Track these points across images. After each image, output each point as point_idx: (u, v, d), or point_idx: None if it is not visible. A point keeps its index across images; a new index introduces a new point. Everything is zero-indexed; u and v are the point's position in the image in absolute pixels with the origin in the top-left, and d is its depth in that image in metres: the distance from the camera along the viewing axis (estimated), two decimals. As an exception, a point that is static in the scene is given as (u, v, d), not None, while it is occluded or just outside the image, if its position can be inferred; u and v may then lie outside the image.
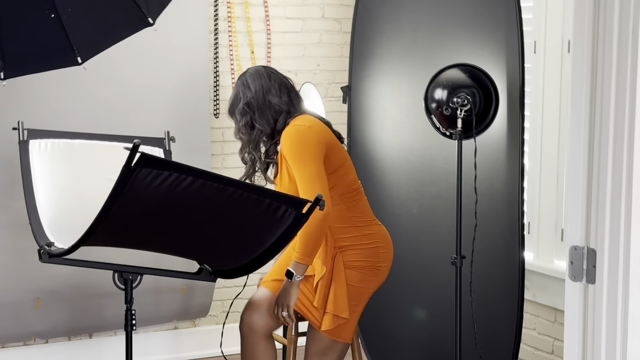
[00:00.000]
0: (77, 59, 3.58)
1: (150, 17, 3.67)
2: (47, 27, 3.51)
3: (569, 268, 2.71)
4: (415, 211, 4.41)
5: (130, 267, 3.78)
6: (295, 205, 3.32)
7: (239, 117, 3.82)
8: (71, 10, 3.52)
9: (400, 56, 4.49)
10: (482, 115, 3.83)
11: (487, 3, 4.05)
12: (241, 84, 3.84)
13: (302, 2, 5.35)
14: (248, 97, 3.79)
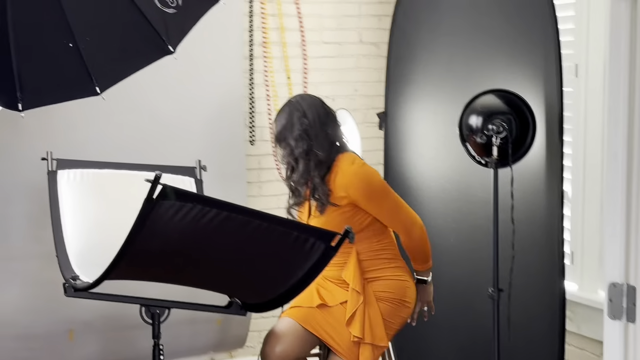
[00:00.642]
0: (95, 88, 3.50)
1: (170, 45, 3.59)
2: (65, 57, 3.45)
3: (607, 306, 2.59)
4: (453, 241, 4.28)
5: (157, 300, 3.70)
6: (323, 238, 3.21)
7: (293, 143, 3.77)
8: (89, 40, 3.45)
9: (436, 81, 4.38)
10: (518, 142, 3.69)
11: (524, 27, 3.91)
12: (295, 110, 3.81)
13: (338, 27, 5.26)
14: (305, 124, 3.77)
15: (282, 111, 3.85)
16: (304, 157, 3.77)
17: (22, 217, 4.51)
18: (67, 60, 3.44)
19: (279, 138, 3.81)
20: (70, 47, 3.42)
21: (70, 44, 3.42)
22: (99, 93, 3.52)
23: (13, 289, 4.53)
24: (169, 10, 3.53)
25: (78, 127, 4.59)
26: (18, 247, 4.53)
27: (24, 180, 4.45)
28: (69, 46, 3.42)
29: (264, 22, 5.07)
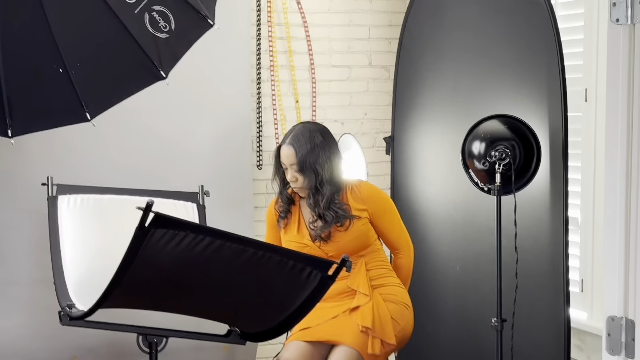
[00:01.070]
0: (86, 114, 3.46)
1: (162, 71, 3.55)
2: (55, 83, 3.41)
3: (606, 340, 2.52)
4: (459, 269, 4.19)
5: (154, 329, 3.65)
6: (320, 267, 3.15)
7: (320, 168, 3.81)
8: (80, 65, 3.42)
9: (442, 106, 4.31)
10: (522, 169, 3.61)
11: (529, 51, 3.84)
12: (314, 136, 3.82)
13: (348, 50, 5.20)
14: (327, 150, 3.82)
15: (298, 138, 3.81)
16: (329, 182, 3.81)
17: (26, 242, 4.48)
18: (57, 86, 3.40)
19: (304, 165, 3.79)
20: (61, 72, 3.39)
21: (60, 69, 3.39)
22: (89, 119, 3.48)
23: (16, 315, 4.50)
24: (161, 35, 3.48)
25: (83, 152, 4.56)
26: (21, 273, 4.50)
27: (27, 205, 4.43)
28: (59, 71, 3.38)
29: (271, 45, 5.02)
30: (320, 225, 3.82)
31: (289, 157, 3.80)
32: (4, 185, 4.44)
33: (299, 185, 3.83)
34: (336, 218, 3.79)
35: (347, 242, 3.82)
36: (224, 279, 3.17)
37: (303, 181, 3.82)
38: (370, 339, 3.75)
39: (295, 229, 3.91)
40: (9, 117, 3.36)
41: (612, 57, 2.52)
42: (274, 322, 3.39)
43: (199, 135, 4.80)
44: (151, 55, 3.49)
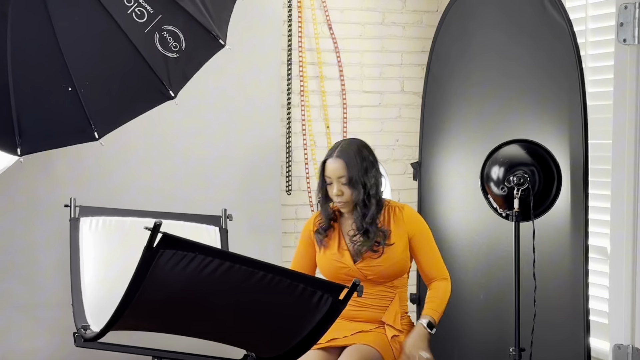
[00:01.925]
0: (94, 134, 3.47)
1: (172, 91, 3.54)
2: (64, 101, 3.42)
3: (612, 370, 2.43)
4: (483, 297, 4.12)
5: (168, 352, 3.63)
6: (331, 291, 3.10)
7: (368, 182, 3.84)
8: (89, 84, 3.42)
9: (467, 131, 4.25)
10: (542, 195, 3.54)
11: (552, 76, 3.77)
12: (361, 151, 3.86)
13: (380, 76, 5.18)
14: (374, 165, 3.87)
15: (346, 151, 3.84)
16: (375, 197, 3.83)
17: (52, 263, 4.50)
18: (66, 104, 3.41)
19: (352, 178, 3.81)
20: (70, 91, 3.40)
21: (69, 88, 3.39)
22: (97, 138, 3.48)
23: (42, 337, 4.52)
24: (171, 54, 3.48)
25: (112, 174, 4.58)
26: (47, 294, 4.52)
27: (52, 226, 4.45)
28: (68, 90, 3.39)
29: (302, 70, 5.01)
30: (362, 240, 3.82)
31: (336, 170, 3.80)
32: (30, 206, 4.47)
33: (344, 199, 3.82)
34: (378, 234, 3.81)
35: (386, 268, 3.81)
36: (234, 301, 3.13)
37: (350, 195, 3.82)
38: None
39: (336, 247, 3.90)
40: (18, 136, 3.37)
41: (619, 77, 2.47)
42: (287, 347, 3.34)
43: (228, 159, 4.79)
44: (160, 75, 3.49)
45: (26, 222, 4.47)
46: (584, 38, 4.09)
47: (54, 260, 4.50)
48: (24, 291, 4.48)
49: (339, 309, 3.12)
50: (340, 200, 3.84)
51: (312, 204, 5.00)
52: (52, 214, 4.42)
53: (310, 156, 5.04)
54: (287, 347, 3.35)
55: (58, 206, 4.27)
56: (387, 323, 3.84)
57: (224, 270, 2.95)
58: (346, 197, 3.82)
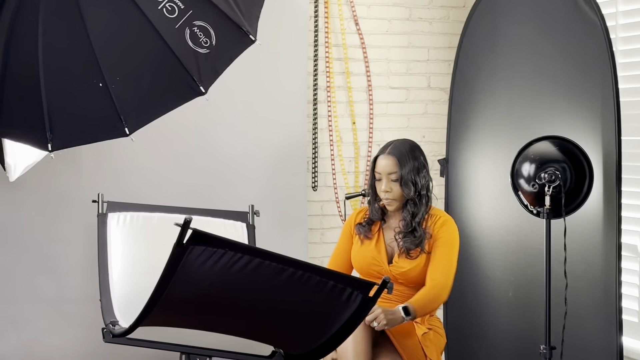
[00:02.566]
0: (124, 129, 3.45)
1: (202, 87, 3.52)
2: (94, 97, 3.41)
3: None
4: (511, 295, 4.09)
5: (197, 348, 3.62)
6: (361, 288, 3.09)
7: (420, 181, 3.86)
8: (119, 79, 3.41)
9: (495, 127, 4.23)
10: (573, 192, 3.51)
11: (583, 71, 3.74)
12: (414, 151, 3.90)
13: (407, 72, 5.15)
14: (426, 165, 3.90)
15: (399, 149, 3.87)
16: (425, 198, 3.86)
17: (80, 259, 4.51)
18: (96, 100, 3.40)
19: (404, 175, 3.83)
20: (100, 87, 3.38)
21: (100, 83, 3.38)
22: (128, 134, 3.47)
23: (69, 333, 4.53)
24: (201, 50, 3.46)
25: (138, 171, 4.58)
26: (75, 290, 4.53)
27: (81, 222, 4.45)
28: (99, 86, 3.38)
29: (328, 66, 4.99)
30: (409, 238, 3.83)
31: (387, 167, 3.82)
32: (59, 201, 4.48)
33: (391, 196, 3.83)
34: (425, 236, 3.82)
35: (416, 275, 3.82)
36: (263, 298, 3.12)
37: (398, 192, 3.84)
38: None
39: (374, 243, 3.89)
40: (49, 131, 3.37)
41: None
42: (316, 344, 3.33)
43: (254, 155, 4.78)
44: (191, 71, 3.47)
45: (54, 217, 4.48)
46: (615, 34, 4.06)
47: (81, 256, 4.50)
48: (51, 286, 4.48)
49: (368, 306, 3.11)
50: (387, 197, 3.84)
51: (340, 212, 4.98)
52: (80, 209, 4.42)
53: (337, 152, 5.02)
54: (315, 344, 3.33)
55: (86, 202, 4.27)
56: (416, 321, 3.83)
57: (254, 266, 2.95)
58: (394, 194, 3.83)
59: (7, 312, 4.46)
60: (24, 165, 3.89)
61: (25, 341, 4.46)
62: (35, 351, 4.45)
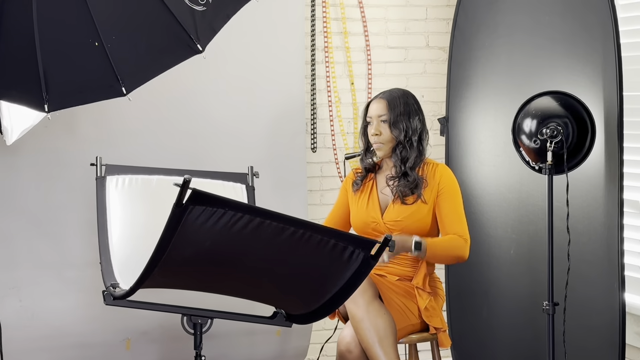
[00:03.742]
0: (121, 89, 3.41)
1: (199, 45, 3.48)
2: (90, 57, 3.36)
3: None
4: (513, 252, 4.08)
5: (198, 310, 3.61)
6: (362, 246, 3.06)
7: (411, 124, 3.87)
8: (115, 38, 3.37)
9: (495, 84, 4.19)
10: (575, 148, 3.49)
11: (584, 27, 3.71)
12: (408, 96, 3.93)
13: (405, 31, 5.10)
14: (419, 110, 3.93)
15: (392, 94, 3.91)
16: (416, 144, 3.85)
17: (79, 223, 4.48)
18: (93, 60, 3.36)
19: (395, 117, 3.85)
20: (96, 46, 3.34)
21: (96, 42, 3.34)
22: (125, 94, 3.43)
23: (70, 297, 4.51)
24: (198, 7, 3.42)
25: (134, 133, 4.55)
26: (75, 254, 4.50)
27: (80, 186, 4.43)
28: (95, 45, 3.34)
29: (326, 26, 4.95)
30: (403, 182, 3.83)
31: (377, 109, 3.86)
32: (57, 165, 4.45)
33: (381, 139, 3.84)
34: (418, 179, 3.82)
35: (411, 224, 3.81)
36: (264, 258, 3.11)
37: (388, 135, 3.84)
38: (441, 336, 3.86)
39: (367, 197, 3.88)
40: (45, 92, 3.33)
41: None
42: (318, 303, 3.32)
43: (253, 117, 4.75)
44: (188, 29, 3.43)
45: (52, 181, 4.45)
46: (616, -13, 4.02)
47: (80, 219, 4.47)
48: (51, 250, 4.47)
49: (370, 265, 3.10)
50: (377, 141, 3.84)
51: (340, 173, 4.97)
52: (78, 173, 4.39)
53: (335, 113, 4.99)
54: (317, 304, 3.32)
55: (84, 165, 4.24)
56: (417, 287, 3.82)
57: (254, 226, 2.92)
58: (384, 137, 3.83)
59: (7, 278, 4.44)
60: (21, 129, 3.86)
61: (26, 306, 4.44)
62: (36, 316, 4.44)
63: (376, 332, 3.63)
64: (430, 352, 4.02)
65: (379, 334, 3.63)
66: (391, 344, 3.64)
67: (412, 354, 3.98)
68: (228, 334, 4.61)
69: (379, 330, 3.63)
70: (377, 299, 3.71)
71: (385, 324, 3.64)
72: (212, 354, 4.24)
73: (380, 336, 3.63)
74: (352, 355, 3.72)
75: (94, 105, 3.79)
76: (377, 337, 3.63)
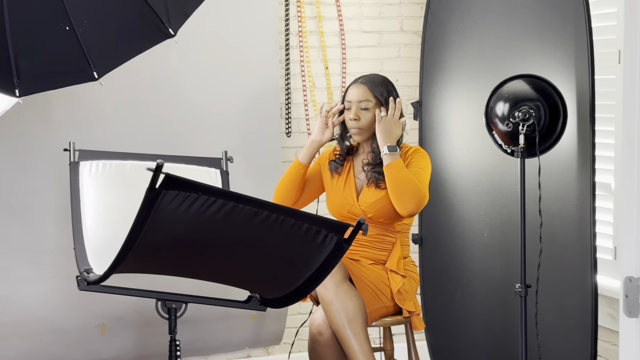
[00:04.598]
0: (93, 74, 3.40)
1: (171, 29, 3.47)
2: (62, 41, 3.35)
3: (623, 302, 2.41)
4: (486, 235, 4.10)
5: (172, 294, 3.61)
6: (336, 230, 3.08)
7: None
8: (87, 22, 3.35)
9: (469, 68, 4.20)
10: (547, 131, 3.50)
11: (556, 10, 3.72)
12: (388, 82, 3.98)
13: (379, 15, 5.11)
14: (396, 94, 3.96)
15: (372, 79, 3.94)
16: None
17: (53, 209, 4.46)
18: (64, 44, 3.34)
19: (383, 99, 3.89)
20: (67, 30, 3.33)
21: (67, 27, 3.32)
22: (97, 78, 3.42)
23: (44, 283, 4.49)
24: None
25: (108, 119, 4.53)
26: (49, 240, 4.48)
27: (54, 171, 4.41)
28: (66, 29, 3.32)
29: (300, 11, 4.94)
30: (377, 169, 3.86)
31: (358, 94, 3.87)
32: (29, 150, 4.42)
33: (359, 124, 3.85)
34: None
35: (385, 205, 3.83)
36: (238, 242, 3.11)
37: (368, 121, 3.86)
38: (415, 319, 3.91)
39: (344, 179, 3.89)
40: (16, 77, 3.31)
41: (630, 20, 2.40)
42: (292, 287, 3.33)
43: (227, 102, 4.74)
44: (159, 12, 3.43)
45: (25, 166, 4.42)
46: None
47: (54, 205, 4.46)
48: (24, 236, 4.44)
49: (343, 249, 3.11)
50: (355, 126, 3.85)
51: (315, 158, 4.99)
52: (51, 158, 4.37)
53: (310, 98, 4.99)
54: (291, 288, 3.34)
55: (57, 151, 4.23)
56: (390, 269, 3.84)
57: (228, 210, 2.92)
58: (362, 123, 3.85)
59: (-20, 264, 4.43)
60: (-7, 114, 3.84)
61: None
62: (10, 302, 4.42)
63: (345, 314, 3.65)
64: (404, 335, 4.04)
65: (348, 316, 3.65)
66: (360, 325, 3.66)
67: (386, 337, 4.00)
68: (203, 318, 4.61)
69: (348, 312, 3.65)
70: (347, 281, 3.73)
71: (354, 306, 3.66)
72: (187, 339, 4.25)
73: (350, 318, 3.64)
74: (323, 337, 3.74)
75: (67, 90, 3.78)
76: (347, 319, 3.64)
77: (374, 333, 4.76)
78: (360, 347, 3.66)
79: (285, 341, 4.98)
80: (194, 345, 4.62)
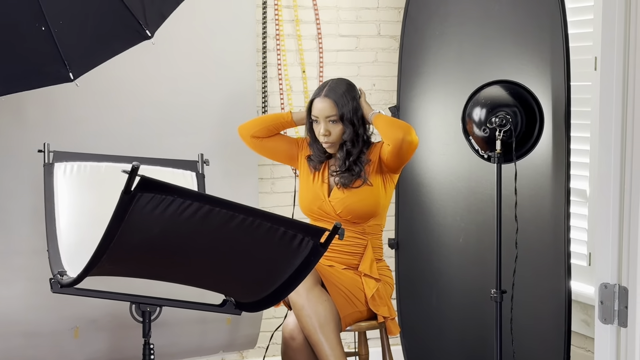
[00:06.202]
0: (69, 75, 3.38)
1: (148, 30, 3.46)
2: (37, 41, 3.32)
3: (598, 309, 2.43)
4: (462, 241, 4.11)
5: (147, 297, 3.59)
6: (312, 234, 3.08)
7: (357, 121, 3.91)
8: (62, 23, 3.32)
9: (446, 73, 4.21)
10: (524, 137, 3.51)
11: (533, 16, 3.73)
12: (353, 91, 3.96)
13: (356, 19, 5.11)
14: (361, 107, 3.94)
15: (335, 90, 3.91)
16: (362, 137, 3.91)
17: (26, 211, 4.43)
18: (39, 44, 3.31)
19: (343, 116, 3.88)
20: (43, 30, 3.30)
21: (42, 27, 3.30)
22: (72, 79, 3.39)
23: (17, 285, 4.46)
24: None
25: (83, 120, 4.49)
26: (22, 242, 4.44)
27: (27, 173, 4.37)
28: (42, 30, 3.29)
29: (277, 14, 4.93)
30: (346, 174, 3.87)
31: (325, 110, 3.84)
32: (3, 152, 4.37)
33: (331, 139, 3.85)
34: (361, 173, 3.86)
35: (355, 202, 3.85)
36: (213, 245, 3.10)
37: (338, 135, 3.87)
38: (389, 323, 3.91)
39: (315, 181, 3.95)
40: None
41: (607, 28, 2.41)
42: (268, 291, 3.33)
43: (203, 105, 4.72)
44: (136, 14, 3.41)
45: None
46: (564, -23, 4.05)
47: (27, 207, 4.42)
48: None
49: (319, 253, 3.11)
50: (327, 141, 3.84)
51: None
52: (26, 160, 4.33)
53: (287, 101, 4.98)
54: (267, 292, 3.33)
55: (31, 152, 4.19)
56: (364, 273, 3.84)
57: (203, 213, 2.92)
58: (333, 137, 3.85)
59: (-48, 266, 4.38)
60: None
61: (-29, 294, 4.39)
62: (-18, 304, 4.39)
63: (317, 319, 3.65)
64: (379, 339, 4.04)
65: (319, 320, 3.65)
66: (332, 329, 3.66)
67: (361, 342, 4.00)
68: (178, 322, 4.59)
69: (319, 316, 3.65)
70: (318, 285, 3.73)
71: (325, 311, 3.66)
72: (161, 342, 4.23)
73: (321, 322, 3.65)
74: (296, 342, 3.74)
75: (42, 91, 3.75)
76: (318, 323, 3.65)
77: (348, 337, 4.76)
78: (332, 351, 3.66)
79: (259, 345, 4.97)
80: (168, 348, 4.60)
